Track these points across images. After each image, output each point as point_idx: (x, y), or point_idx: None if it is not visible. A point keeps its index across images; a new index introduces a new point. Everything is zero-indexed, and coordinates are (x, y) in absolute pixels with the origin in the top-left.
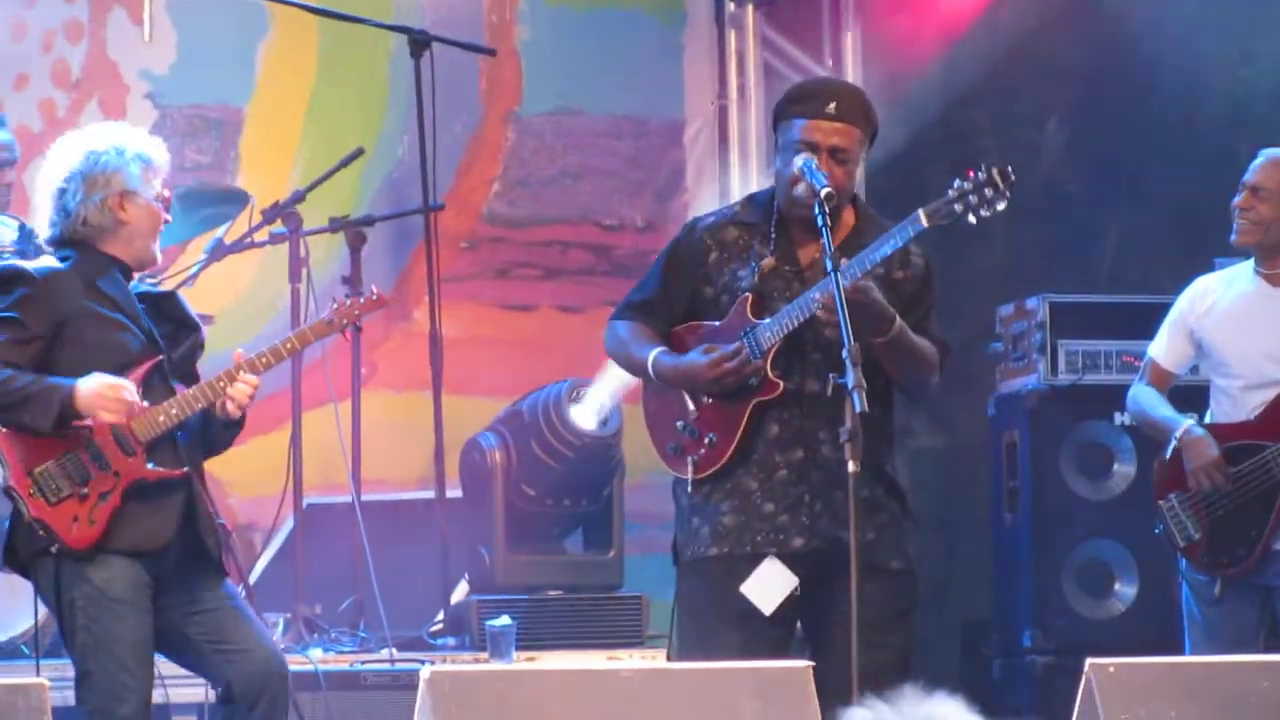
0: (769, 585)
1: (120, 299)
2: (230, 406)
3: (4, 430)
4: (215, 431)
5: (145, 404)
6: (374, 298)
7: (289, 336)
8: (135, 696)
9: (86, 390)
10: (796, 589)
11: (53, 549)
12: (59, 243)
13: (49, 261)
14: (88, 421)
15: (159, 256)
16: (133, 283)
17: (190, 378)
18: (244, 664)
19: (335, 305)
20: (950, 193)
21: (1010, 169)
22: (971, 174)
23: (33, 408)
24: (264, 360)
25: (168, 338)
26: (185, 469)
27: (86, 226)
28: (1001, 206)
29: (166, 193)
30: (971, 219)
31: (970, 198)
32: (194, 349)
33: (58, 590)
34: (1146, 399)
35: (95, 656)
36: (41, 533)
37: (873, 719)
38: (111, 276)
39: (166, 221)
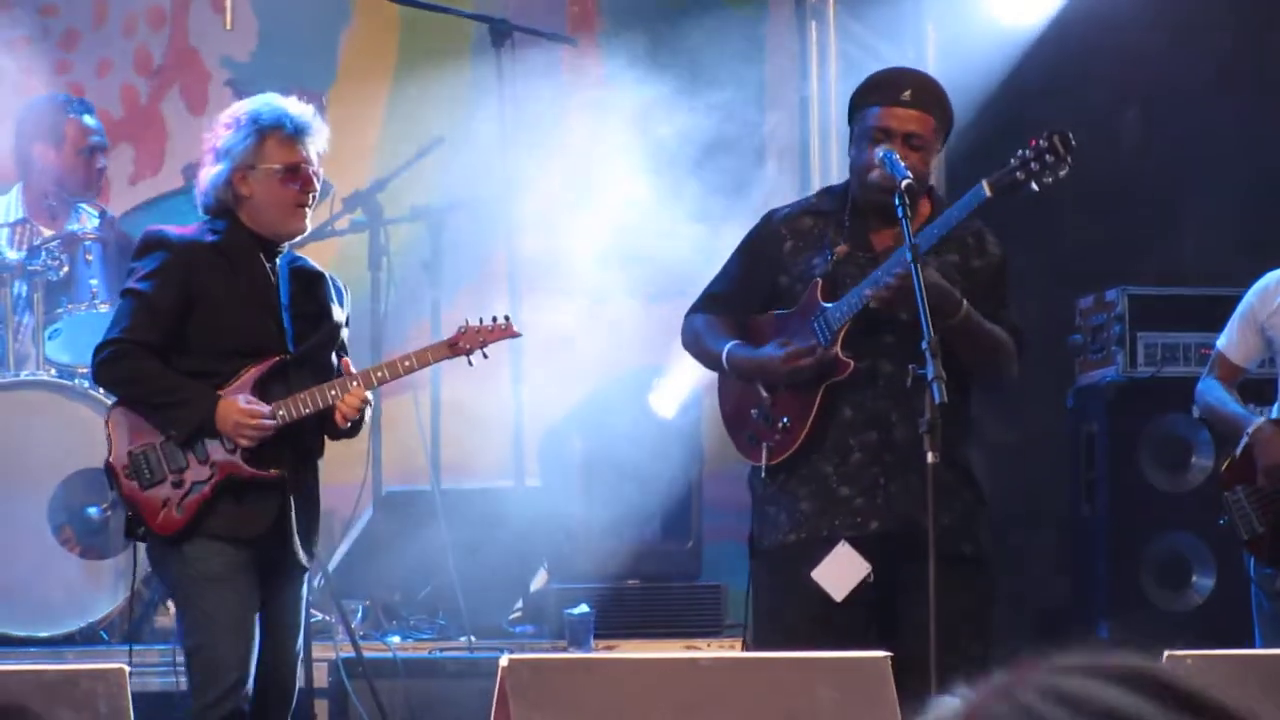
0: (840, 571)
1: (258, 282)
2: (338, 417)
3: (115, 407)
4: (333, 429)
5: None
6: (503, 326)
7: (409, 354)
8: (235, 673)
9: (226, 418)
10: (870, 575)
11: (139, 531)
12: (207, 213)
13: (196, 230)
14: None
15: (303, 228)
16: (285, 253)
17: (322, 369)
18: (260, 673)
19: (463, 329)
20: (1013, 161)
21: (1071, 135)
22: (1034, 142)
23: (175, 416)
24: (379, 375)
25: (307, 319)
26: (279, 472)
27: (218, 201)
28: (1064, 173)
29: (298, 164)
30: (1034, 186)
31: (1032, 165)
32: (329, 339)
33: (163, 569)
34: (1215, 394)
35: (197, 633)
36: (130, 513)
37: (961, 707)
38: (253, 255)
39: (310, 191)
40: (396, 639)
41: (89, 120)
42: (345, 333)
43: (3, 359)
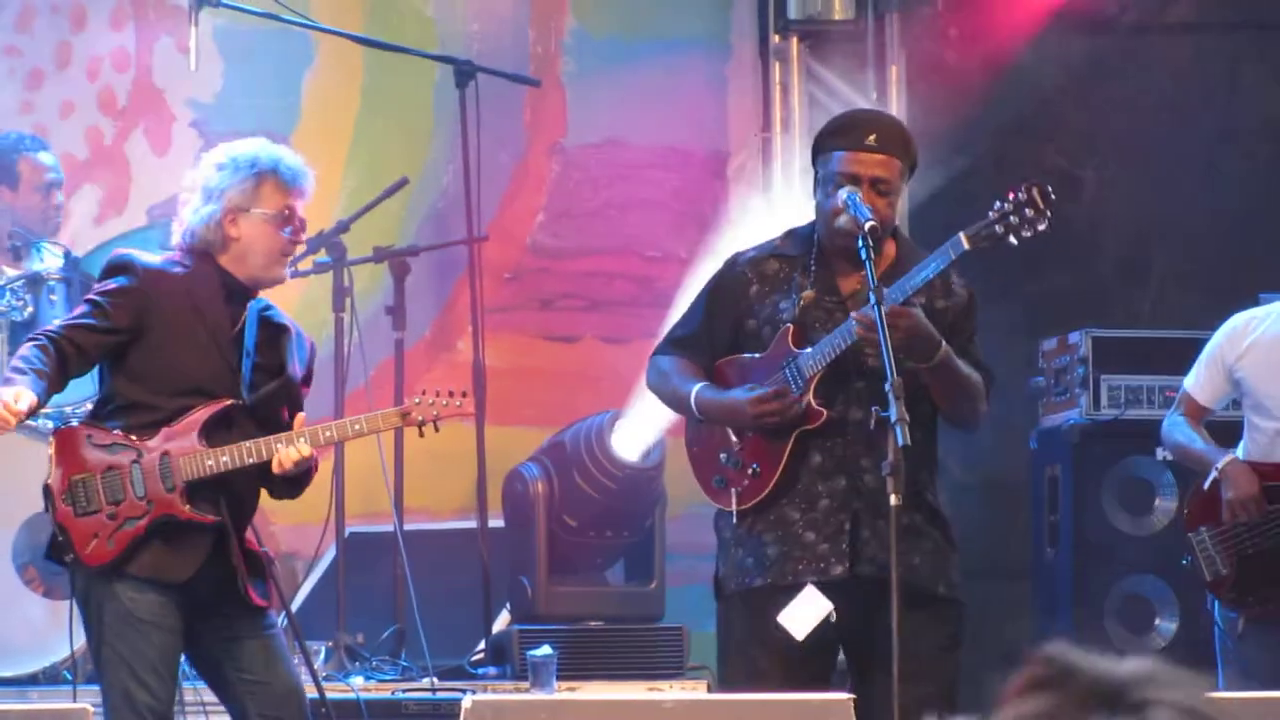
0: (803, 612)
1: (215, 322)
2: (274, 465)
3: (61, 429)
4: (275, 482)
5: (203, 445)
6: (458, 405)
7: (360, 417)
8: (154, 715)
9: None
10: (831, 614)
11: (67, 558)
12: (182, 250)
13: (165, 259)
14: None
15: (284, 277)
16: (257, 302)
17: (271, 422)
18: (262, 696)
19: (418, 399)
20: (991, 214)
21: (1051, 189)
22: (1012, 194)
23: None
24: (327, 435)
25: (266, 370)
26: (218, 518)
27: (200, 241)
28: (1043, 227)
29: (290, 211)
30: (1013, 240)
31: (1011, 219)
32: (280, 392)
33: (87, 601)
34: (1183, 431)
35: (117, 672)
36: (60, 538)
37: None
38: (219, 297)
39: (297, 243)
40: (359, 680)
41: (44, 158)
42: (304, 392)
43: None
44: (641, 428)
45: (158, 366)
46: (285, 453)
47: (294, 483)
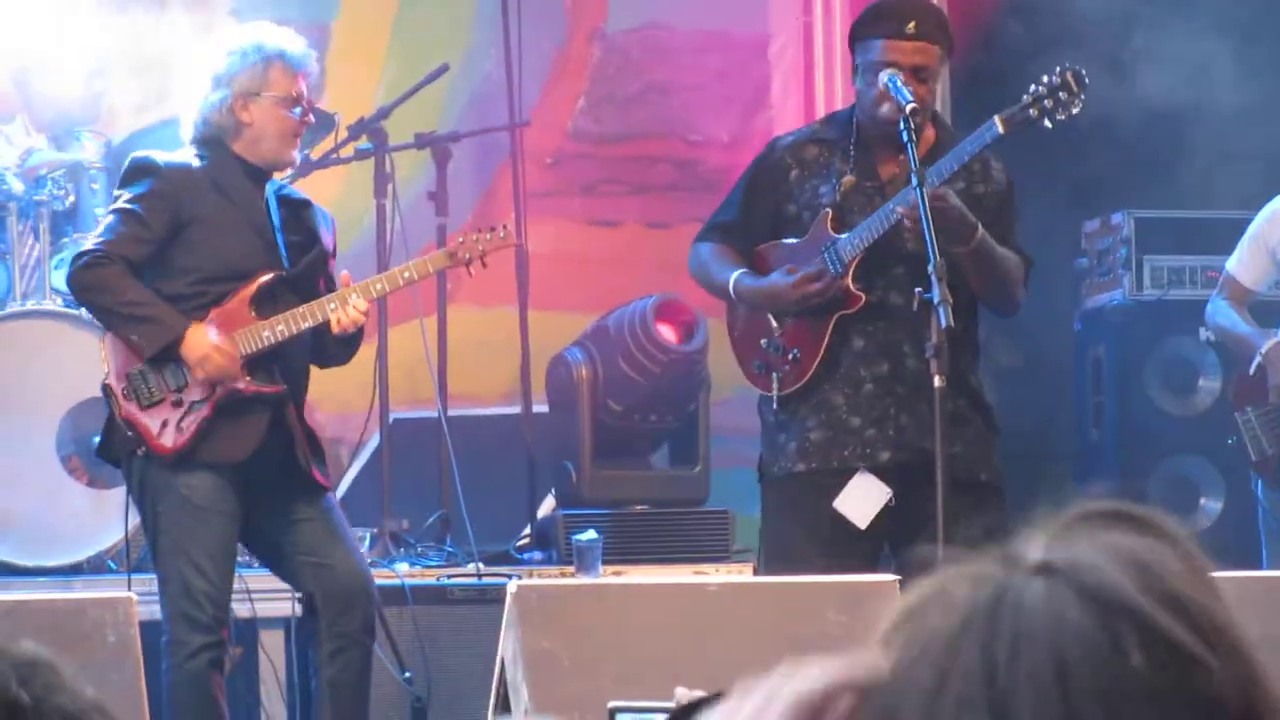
0: (862, 499)
1: (245, 204)
2: (334, 327)
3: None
4: (330, 347)
5: (253, 316)
6: (503, 236)
7: (408, 264)
8: (211, 603)
9: (196, 348)
10: (891, 500)
11: (139, 450)
12: (196, 141)
13: (184, 156)
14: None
15: (295, 159)
16: (272, 183)
17: (310, 292)
18: (329, 578)
19: (461, 239)
20: (1025, 98)
21: (1084, 71)
22: (1046, 78)
23: (142, 331)
24: (378, 287)
25: (296, 246)
26: (282, 386)
27: (212, 127)
28: (1076, 110)
29: (298, 93)
30: (1047, 123)
31: (1045, 102)
32: (316, 263)
33: (142, 492)
34: (1227, 315)
35: (175, 561)
36: (130, 433)
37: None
38: (242, 180)
39: (306, 124)
40: (405, 566)
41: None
42: (333, 264)
43: (9, 290)
44: (685, 312)
45: (198, 258)
46: (345, 312)
47: (348, 343)
